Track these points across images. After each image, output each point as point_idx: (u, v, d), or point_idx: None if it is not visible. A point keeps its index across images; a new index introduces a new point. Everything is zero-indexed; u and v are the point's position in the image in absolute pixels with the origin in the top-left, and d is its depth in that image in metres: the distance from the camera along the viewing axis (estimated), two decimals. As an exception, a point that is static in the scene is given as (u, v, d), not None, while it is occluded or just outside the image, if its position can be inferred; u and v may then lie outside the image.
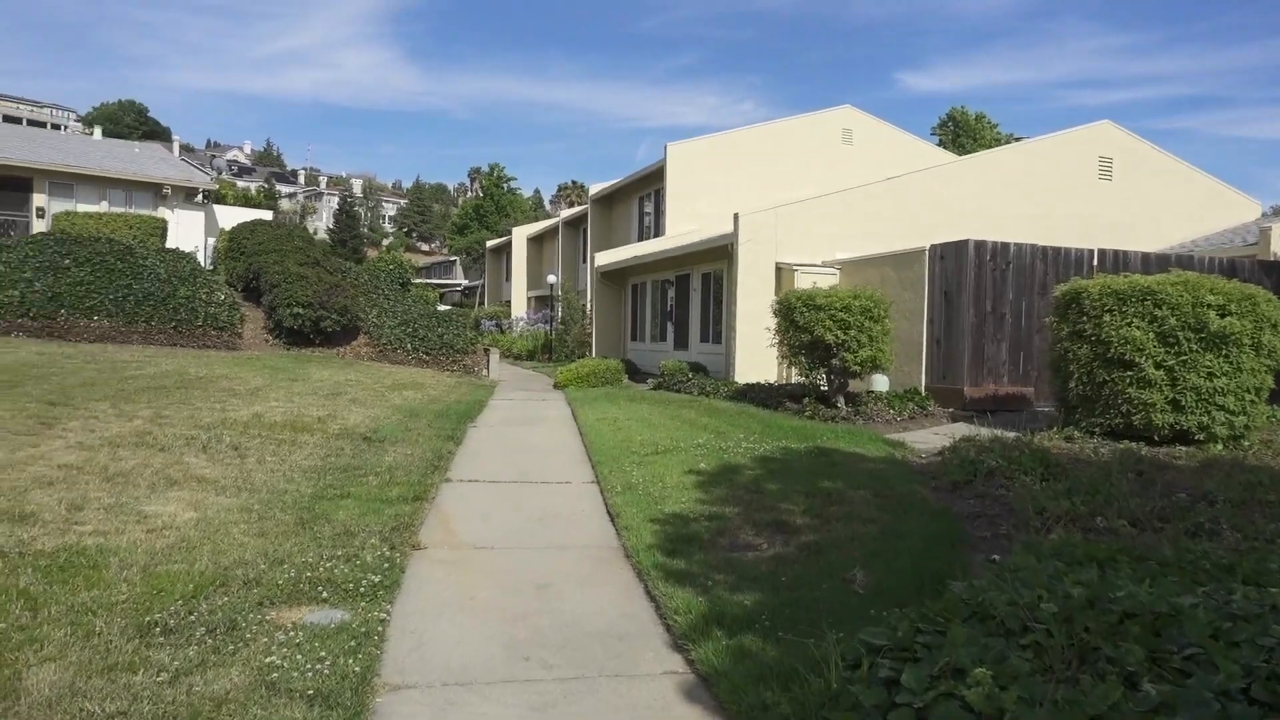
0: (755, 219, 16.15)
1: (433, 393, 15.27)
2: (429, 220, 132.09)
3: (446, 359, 20.87)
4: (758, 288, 16.10)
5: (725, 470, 8.08)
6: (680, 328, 20.72)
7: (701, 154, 24.90)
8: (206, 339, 19.08)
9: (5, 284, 18.01)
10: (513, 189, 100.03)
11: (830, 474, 7.84)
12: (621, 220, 30.25)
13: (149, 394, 11.59)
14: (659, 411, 12.79)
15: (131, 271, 19.43)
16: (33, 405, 9.79)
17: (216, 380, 13.90)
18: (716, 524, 6.25)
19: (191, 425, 9.42)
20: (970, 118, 67.85)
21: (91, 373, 13.36)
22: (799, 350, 12.55)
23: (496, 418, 12.71)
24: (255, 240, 22.14)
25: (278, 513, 6.17)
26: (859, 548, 5.58)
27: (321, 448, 8.87)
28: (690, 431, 10.62)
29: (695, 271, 19.84)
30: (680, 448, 9.36)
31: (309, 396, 12.92)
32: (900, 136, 27.07)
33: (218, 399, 11.74)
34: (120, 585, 4.52)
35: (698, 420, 11.67)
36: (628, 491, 7.28)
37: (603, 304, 24.79)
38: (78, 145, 31.48)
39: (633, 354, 23.74)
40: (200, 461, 7.68)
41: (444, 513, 6.67)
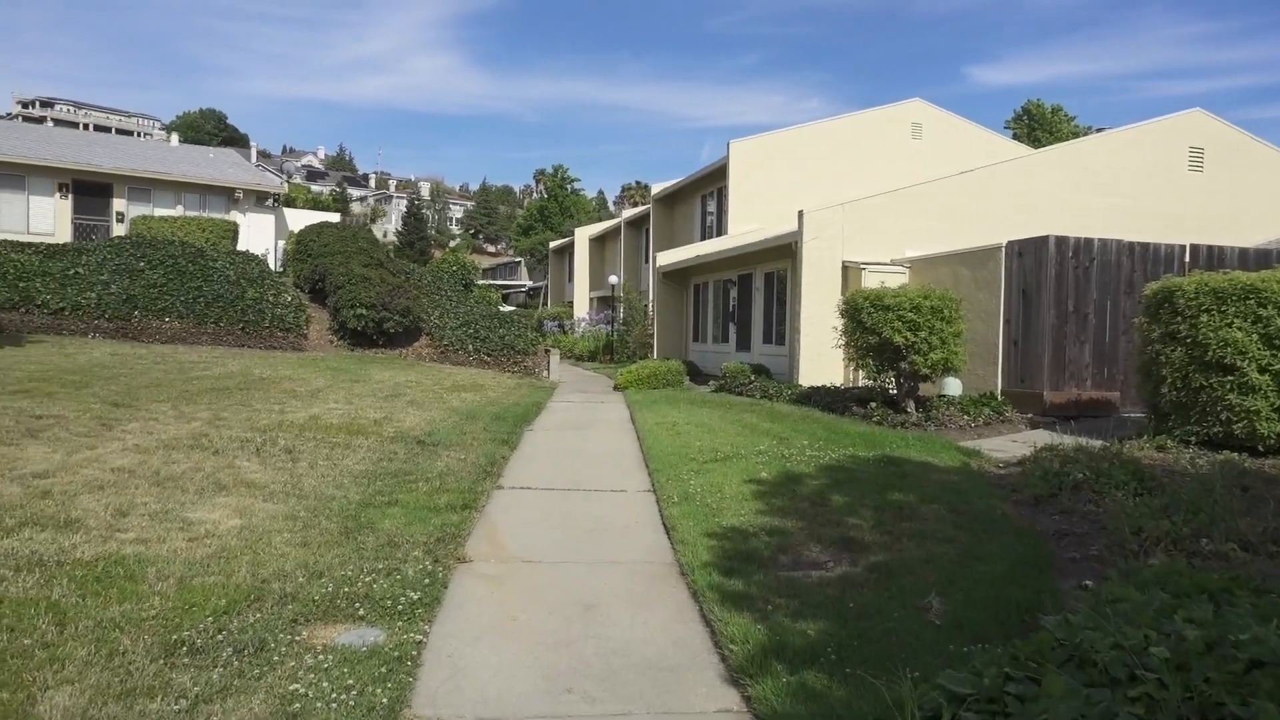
0: (821, 216, 15.63)
1: (491, 395, 15.15)
2: (495, 222, 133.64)
3: (507, 360, 20.81)
4: (823, 287, 15.57)
5: (787, 480, 7.67)
6: (743, 329, 20.27)
7: (765, 151, 24.39)
8: (273, 340, 19.35)
9: (84, 286, 18.54)
10: (576, 190, 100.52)
11: (900, 485, 7.36)
12: (684, 220, 29.88)
13: (211, 395, 11.68)
14: (719, 415, 12.40)
15: (202, 274, 19.83)
16: (97, 406, 9.91)
17: (279, 381, 14.00)
18: (778, 539, 5.86)
19: (248, 427, 9.39)
20: (1046, 111, 65.51)
21: (159, 373, 13.57)
22: (866, 352, 12.03)
23: (554, 421, 12.48)
24: (321, 242, 22.43)
25: (323, 521, 6.00)
26: (934, 571, 5.13)
27: (375, 451, 8.74)
28: (751, 437, 10.21)
29: (758, 271, 19.36)
30: (740, 455, 8.97)
31: (368, 398, 12.89)
32: (973, 130, 26.11)
33: (277, 400, 11.77)
34: (153, 599, 4.36)
35: (759, 425, 11.25)
36: (684, 502, 6.93)
37: (664, 304, 24.48)
38: (156, 151, 32.50)
39: (694, 355, 23.36)
40: (252, 466, 7.59)
41: (492, 522, 6.42)
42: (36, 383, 11.47)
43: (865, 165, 23.92)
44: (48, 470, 6.76)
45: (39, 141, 27.87)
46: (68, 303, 18.02)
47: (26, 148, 26.22)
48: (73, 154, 26.76)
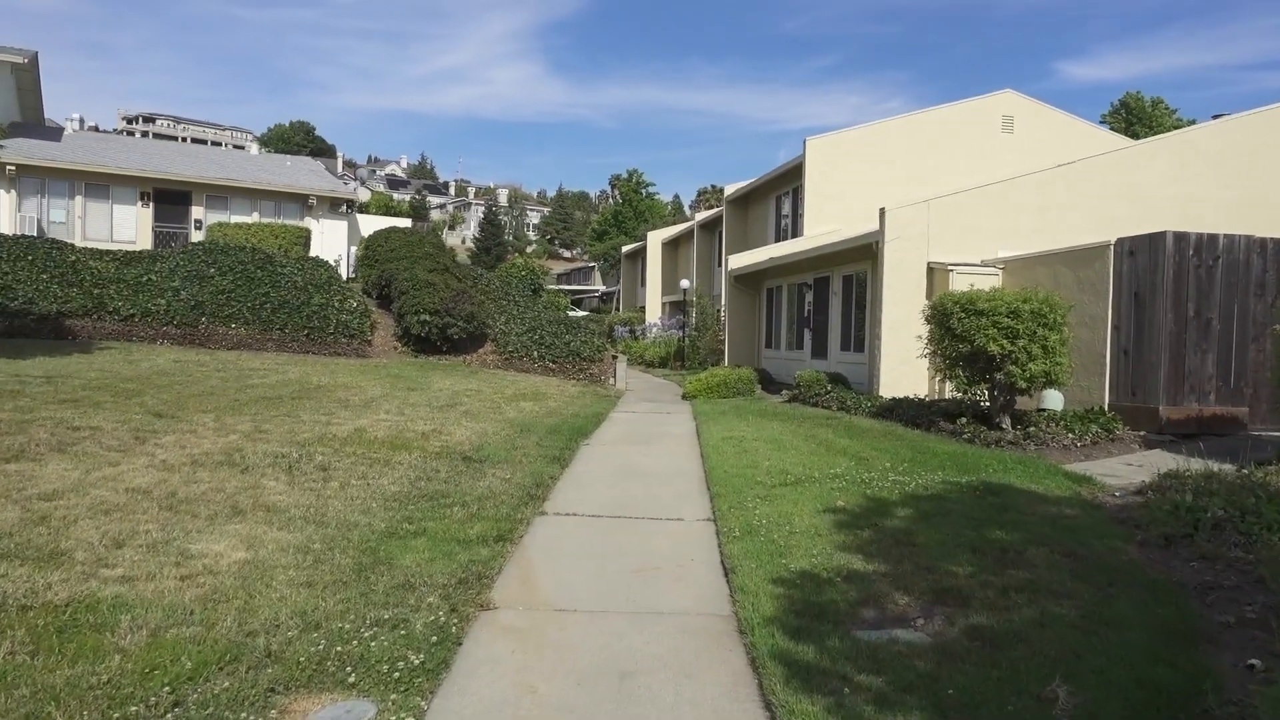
0: (904, 214, 14.49)
1: (551, 404, 14.49)
2: (570, 227, 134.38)
3: (573, 367, 20.19)
4: (906, 290, 14.44)
5: (868, 511, 6.71)
6: (818, 335, 19.19)
7: (843, 148, 23.23)
8: (337, 346, 19.14)
9: (155, 293, 18.65)
10: (651, 194, 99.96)
11: (1002, 520, 6.33)
12: (758, 221, 28.86)
13: (260, 405, 11.29)
14: (791, 430, 11.45)
15: (270, 280, 19.77)
16: (139, 417, 9.56)
17: (334, 390, 13.62)
18: (857, 588, 4.94)
19: (287, 441, 8.89)
20: (1145, 104, 62.02)
21: (215, 381, 13.32)
22: (956, 362, 10.91)
23: (613, 434, 11.72)
24: (388, 248, 22.23)
25: (337, 555, 5.34)
26: (1053, 640, 4.15)
27: (415, 469, 8.11)
28: (826, 456, 9.25)
29: (836, 274, 18.27)
30: (814, 478, 8.03)
31: (421, 408, 12.36)
32: (1069, 122, 24.40)
33: (327, 410, 11.32)
34: (113, 657, 3.72)
35: (835, 442, 10.26)
36: (747, 536, 6.05)
37: (736, 309, 23.52)
38: (234, 160, 33.10)
39: (767, 362, 22.34)
40: (278, 486, 7.02)
41: (528, 558, 5.66)
42: (90, 391, 11.27)
43: (951, 161, 22.56)
44: (58, 490, 6.29)
45: (123, 152, 28.57)
46: (138, 309, 18.13)
47: (111, 159, 26.86)
48: (154, 163, 27.32)
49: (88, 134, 33.35)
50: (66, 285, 18.24)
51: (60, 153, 25.91)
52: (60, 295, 17.88)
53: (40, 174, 25.08)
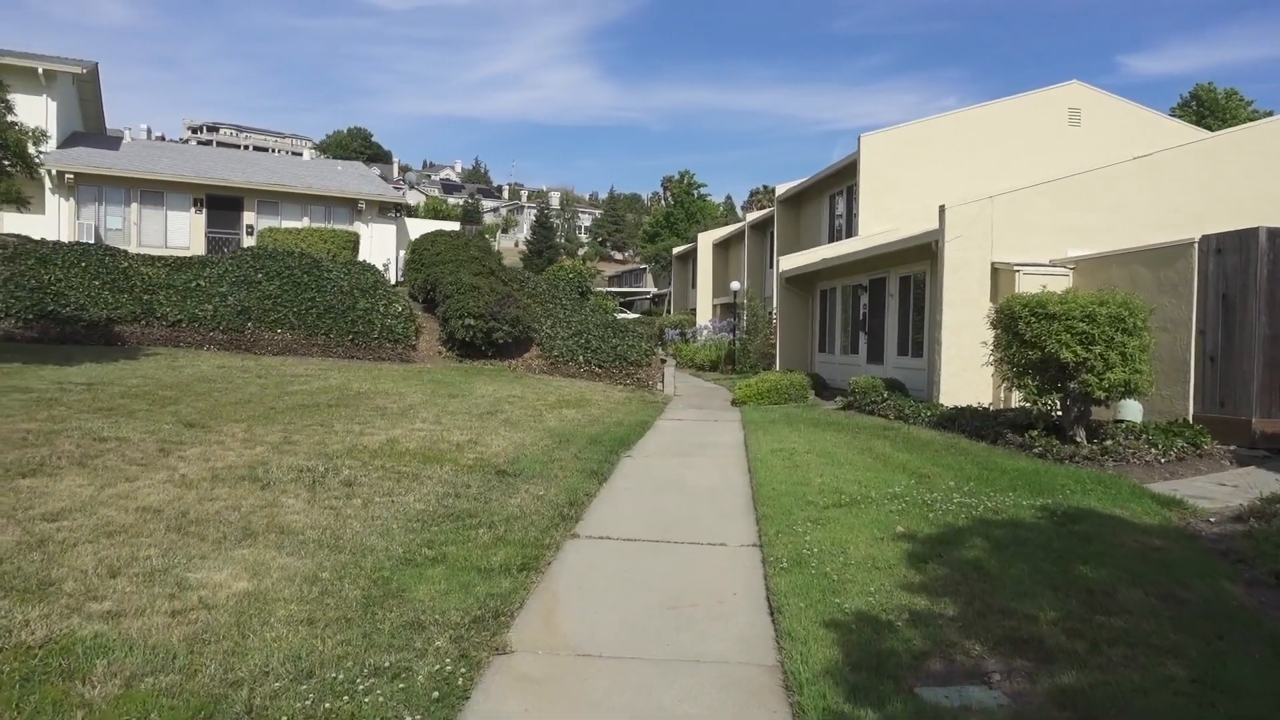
0: (965, 212, 13.69)
1: (595, 412, 14.02)
2: (622, 229, 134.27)
3: (619, 372, 19.72)
4: (968, 292, 13.64)
5: (933, 538, 6.07)
6: (874, 339, 18.41)
7: (899, 145, 22.37)
8: (381, 351, 18.96)
9: (202, 299, 18.68)
10: (703, 195, 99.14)
11: (1086, 552, 5.64)
12: (810, 221, 28.08)
13: (294, 414, 11.02)
14: (846, 442, 10.79)
15: (316, 285, 19.70)
16: (169, 427, 9.33)
17: (374, 396, 13.34)
18: (922, 636, 4.33)
19: (315, 454, 8.55)
20: (1219, 96, 59.27)
21: (254, 388, 13.14)
22: (1025, 370, 10.13)
23: (656, 445, 11.19)
24: (433, 251, 22.04)
25: (346, 585, 4.90)
26: (1161, 713, 3.50)
27: (444, 485, 7.69)
28: (884, 472, 8.59)
29: (892, 275, 17.49)
30: (870, 497, 7.40)
31: (460, 416, 12.00)
32: (1140, 114, 23.17)
33: (362, 419, 11.00)
34: (76, 713, 3.32)
35: (894, 456, 9.59)
36: (796, 568, 5.47)
37: (788, 312, 22.81)
38: (286, 166, 33.41)
39: (820, 367, 21.59)
40: (296, 504, 6.65)
41: (553, 591, 5.16)
42: (128, 399, 11.14)
43: (1014, 157, 21.55)
44: (66, 509, 5.99)
45: (176, 159, 28.99)
46: (185, 315, 18.17)
47: (165, 166, 27.24)
48: (206, 170, 27.64)
49: (144, 142, 34.00)
50: (117, 291, 18.37)
51: (117, 161, 26.35)
52: (111, 301, 18.01)
53: (97, 182, 25.52)
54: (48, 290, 17.54)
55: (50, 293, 17.52)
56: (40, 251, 18.79)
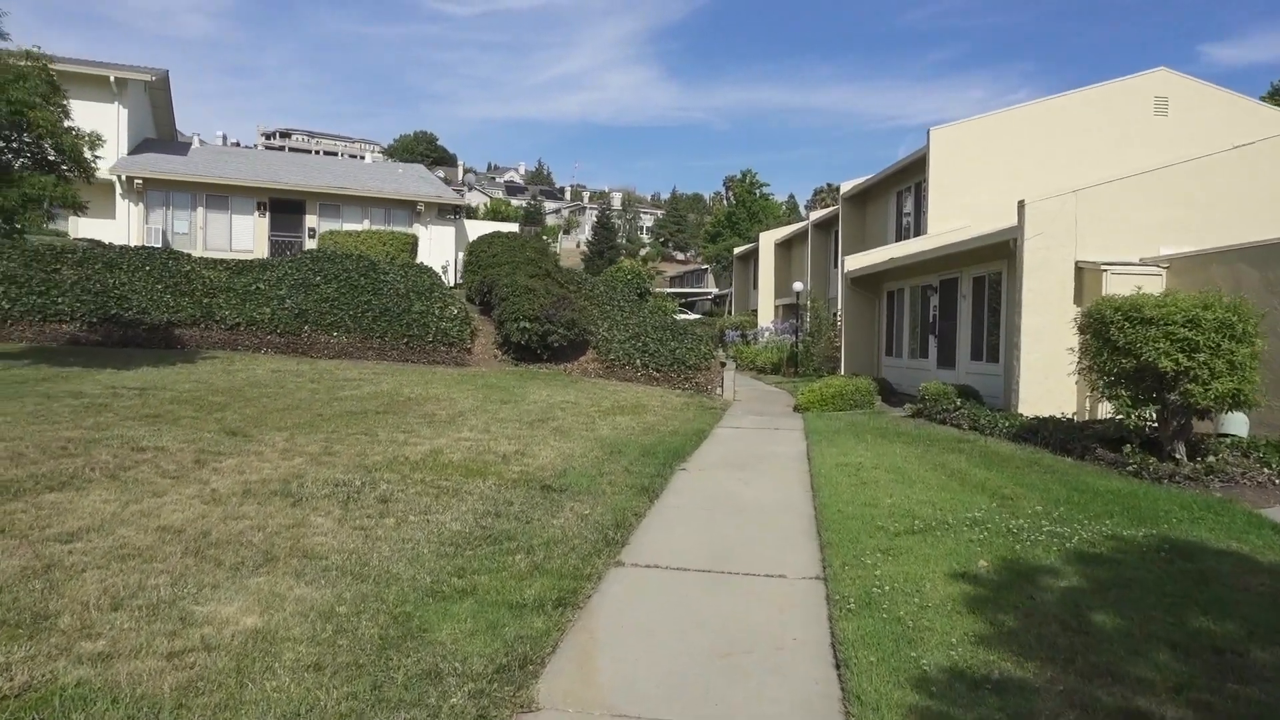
0: (1046, 207, 12.75)
1: (650, 419, 13.49)
2: (684, 230, 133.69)
3: (677, 376, 19.15)
4: (1049, 294, 12.70)
5: (1020, 577, 5.37)
6: (945, 342, 17.48)
7: (971, 139, 21.31)
8: (436, 355, 18.75)
9: (260, 302, 18.72)
10: (765, 194, 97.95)
11: (1204, 598, 4.89)
12: (876, 220, 27.10)
13: (340, 421, 10.75)
14: (917, 455, 10.04)
15: (372, 287, 19.60)
16: (210, 435, 9.11)
17: (424, 403, 13.04)
18: (1014, 705, 3.68)
19: (354, 466, 8.19)
20: (1316, 81, 55.87)
21: (304, 394, 12.96)
22: (1117, 379, 9.26)
23: (713, 456, 10.59)
24: (490, 253, 21.80)
25: (363, 623, 4.46)
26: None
27: (485, 501, 7.24)
28: (960, 492, 7.87)
29: (965, 275, 16.56)
30: (947, 523, 6.70)
31: (510, 424, 11.59)
32: (1236, 102, 21.64)
33: (408, 428, 10.66)
34: (34, 785, 2.91)
35: (970, 473, 8.82)
36: (865, 610, 4.84)
37: (853, 313, 21.94)
38: (346, 169, 33.70)
39: (887, 371, 20.69)
40: (326, 524, 6.26)
41: (591, 632, 4.64)
42: (176, 405, 11.01)
43: (1094, 150, 20.34)
44: (84, 528, 5.70)
45: (241, 164, 29.41)
46: (243, 318, 18.21)
47: (230, 170, 27.63)
48: (269, 174, 27.97)
49: (211, 147, 34.68)
50: (179, 295, 18.52)
51: (183, 166, 26.81)
52: (172, 305, 18.16)
53: (165, 187, 25.98)
54: (111, 294, 17.76)
55: (114, 296, 17.74)
56: (107, 256, 19.09)
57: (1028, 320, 12.68)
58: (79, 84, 25.78)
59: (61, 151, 12.32)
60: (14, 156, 12.56)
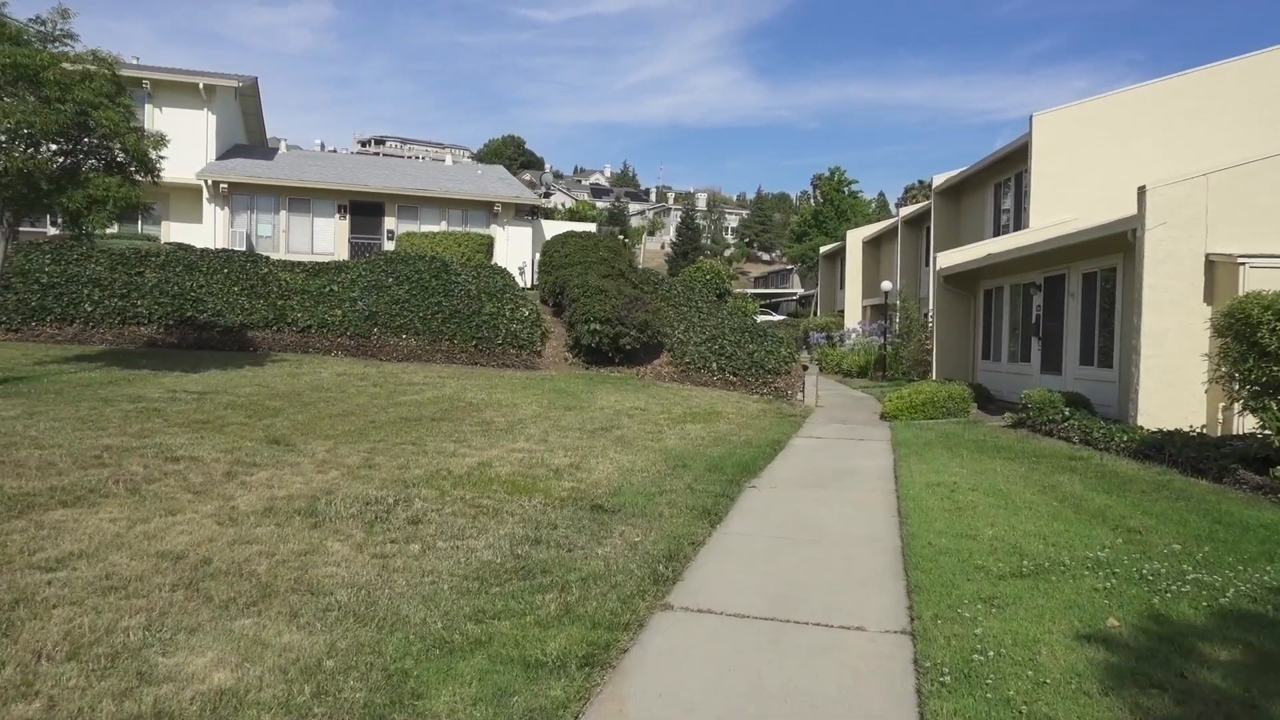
0: (1173, 193, 11.30)
1: (722, 428, 12.59)
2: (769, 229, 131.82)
3: (755, 380, 18.16)
4: (1176, 290, 11.26)
5: (1164, 641, 4.29)
6: (1050, 345, 15.99)
7: (1078, 125, 19.62)
8: (505, 358, 18.24)
9: (333, 304, 18.57)
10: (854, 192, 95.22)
11: None
12: (972, 214, 25.47)
13: (391, 428, 10.21)
14: (1021, 474, 8.86)
15: (443, 289, 19.25)
16: (251, 444, 8.66)
17: (484, 409, 12.46)
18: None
19: (392, 481, 7.58)
20: None
21: (364, 399, 12.54)
22: (1265, 389, 7.93)
23: (788, 471, 9.63)
24: (563, 253, 21.23)
25: (349, 684, 3.74)
26: None
27: (526, 524, 6.50)
28: (1077, 523, 6.73)
29: (1072, 271, 15.08)
30: (1063, 563, 5.62)
31: (571, 433, 10.87)
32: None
33: (462, 436, 10.05)
34: None
35: (1087, 498, 7.64)
36: (964, 684, 3.87)
37: (946, 314, 20.49)
38: (424, 171, 33.75)
39: (983, 376, 19.20)
40: (343, 550, 5.61)
41: (620, 703, 3.80)
42: (230, 410, 10.69)
43: (1224, 132, 18.42)
44: (77, 552, 5.17)
45: (323, 167, 29.71)
46: (315, 320, 18.08)
47: (312, 174, 27.90)
48: (349, 176, 28.12)
49: (297, 152, 35.32)
50: (254, 297, 18.53)
51: (267, 170, 27.17)
52: (247, 307, 18.16)
53: (249, 190, 26.35)
54: (187, 297, 17.86)
55: (190, 299, 17.83)
56: (188, 259, 19.25)
57: (1149, 321, 11.26)
58: (171, 92, 26.46)
59: (127, 152, 12.19)
60: (84, 157, 12.51)
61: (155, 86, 26.20)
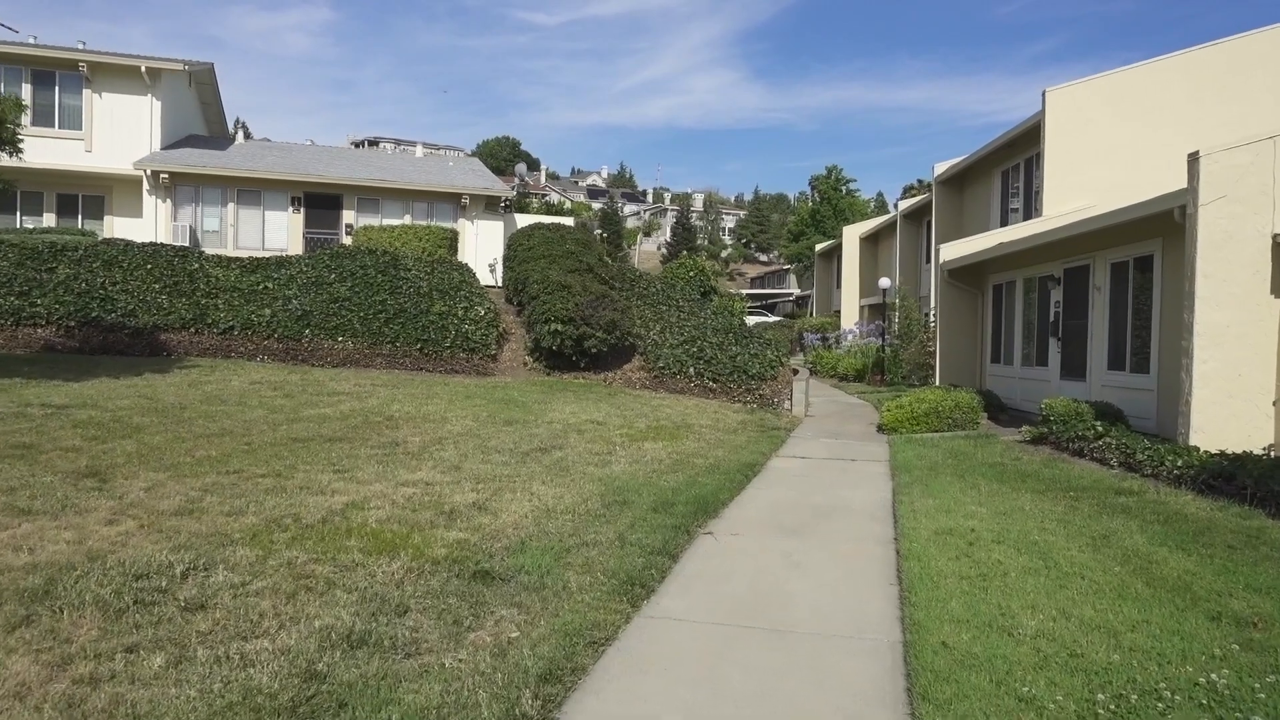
0: (1234, 159, 9.26)
1: (689, 445, 10.57)
2: (767, 230, 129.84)
3: (738, 387, 16.14)
4: (1237, 280, 9.23)
5: None
6: (1072, 346, 13.96)
7: (1097, 102, 17.63)
8: (455, 363, 16.21)
9: (262, 303, 16.55)
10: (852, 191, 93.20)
11: None
12: (976, 205, 23.47)
13: (266, 453, 8.18)
14: (1058, 517, 6.82)
15: (389, 286, 17.23)
16: (50, 478, 6.66)
17: (404, 424, 10.44)
18: None
19: (206, 535, 5.54)
20: None
21: (259, 414, 10.51)
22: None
23: (757, 509, 7.58)
24: (527, 246, 19.19)
25: None
26: None
27: (365, 606, 4.48)
28: (1157, 607, 4.69)
29: (1099, 260, 13.06)
30: (1156, 693, 3.59)
31: (496, 457, 8.85)
32: None
33: (351, 464, 8.02)
34: None
35: (1157, 558, 5.59)
36: None
37: (950, 312, 18.46)
38: (387, 161, 31.63)
39: (993, 382, 17.17)
40: (27, 673, 3.58)
41: None
42: (73, 429, 8.68)
43: (1257, 110, 16.45)
44: None
45: (279, 157, 27.65)
46: (239, 321, 16.04)
47: (265, 164, 25.86)
48: (304, 166, 26.07)
49: (254, 142, 33.19)
50: (176, 295, 16.50)
51: (214, 160, 25.14)
52: (165, 306, 16.13)
53: (194, 181, 24.31)
54: (95, 294, 15.83)
55: (98, 297, 15.80)
56: (109, 253, 17.22)
57: (1204, 317, 9.22)
58: (111, 76, 24.40)
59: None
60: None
61: (94, 70, 24.16)
